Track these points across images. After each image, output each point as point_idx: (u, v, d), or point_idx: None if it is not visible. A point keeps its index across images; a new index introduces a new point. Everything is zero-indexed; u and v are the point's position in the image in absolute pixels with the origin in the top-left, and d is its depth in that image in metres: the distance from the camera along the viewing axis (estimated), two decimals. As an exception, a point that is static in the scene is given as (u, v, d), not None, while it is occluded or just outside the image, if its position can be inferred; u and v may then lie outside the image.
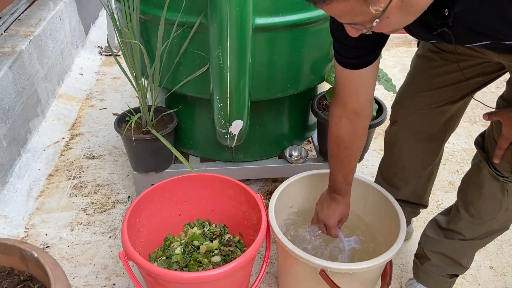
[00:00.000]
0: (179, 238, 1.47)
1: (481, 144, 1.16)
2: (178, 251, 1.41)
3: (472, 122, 2.32)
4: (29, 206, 1.74)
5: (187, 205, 1.46)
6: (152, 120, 1.57)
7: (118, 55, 2.73)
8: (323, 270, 1.11)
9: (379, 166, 1.51)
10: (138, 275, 1.28)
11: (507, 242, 1.66)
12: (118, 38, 1.44)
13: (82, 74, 2.62)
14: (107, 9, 1.45)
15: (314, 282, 1.17)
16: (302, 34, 1.41)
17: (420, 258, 1.37)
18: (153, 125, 1.57)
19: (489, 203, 1.16)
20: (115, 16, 1.49)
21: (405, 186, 1.44)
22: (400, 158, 1.41)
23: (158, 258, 1.41)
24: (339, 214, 1.26)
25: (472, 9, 0.76)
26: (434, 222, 1.34)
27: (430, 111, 1.26)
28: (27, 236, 1.61)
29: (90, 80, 2.62)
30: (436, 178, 1.49)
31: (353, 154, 1.19)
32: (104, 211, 1.73)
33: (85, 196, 1.80)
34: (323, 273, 1.11)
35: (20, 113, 1.90)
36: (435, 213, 1.37)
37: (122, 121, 1.63)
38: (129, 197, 1.80)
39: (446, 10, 0.79)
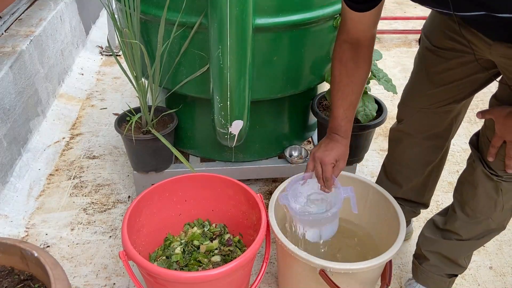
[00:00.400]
0: (179, 237, 1.48)
1: (475, 143, 1.16)
2: (178, 251, 1.41)
3: (472, 123, 2.32)
4: (29, 205, 1.74)
5: (187, 205, 1.46)
6: (152, 120, 1.57)
7: (119, 55, 2.73)
8: (323, 270, 1.11)
9: (383, 164, 1.52)
10: (138, 275, 1.28)
11: (507, 242, 1.66)
12: (119, 38, 1.45)
13: (82, 74, 2.62)
14: (108, 9, 1.46)
15: (314, 282, 1.17)
16: (302, 34, 1.41)
17: (418, 258, 1.37)
18: (153, 125, 1.57)
19: (484, 203, 1.16)
20: (116, 16, 1.49)
21: (408, 183, 1.45)
22: (404, 155, 1.41)
23: (158, 258, 1.41)
24: (337, 153, 1.18)
25: None
26: (432, 222, 1.34)
27: (435, 110, 1.26)
28: (28, 235, 1.61)
29: (91, 80, 2.62)
30: (436, 179, 1.49)
31: (355, 83, 1.15)
32: (104, 211, 1.73)
33: (85, 195, 1.80)
34: (323, 273, 1.11)
35: (20, 113, 1.91)
36: (435, 213, 1.37)
37: (122, 121, 1.63)
38: (129, 196, 1.80)
39: None
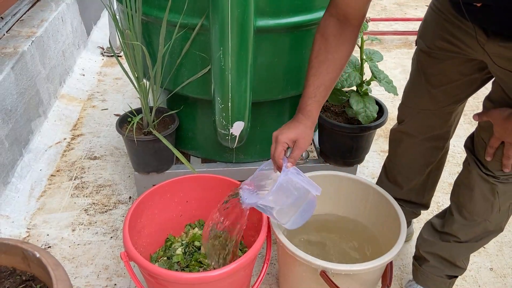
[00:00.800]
0: (180, 238, 1.48)
1: (470, 146, 1.16)
2: (179, 252, 1.42)
3: (473, 124, 2.32)
4: (30, 206, 1.74)
5: (188, 205, 1.46)
6: (153, 121, 1.57)
7: (120, 56, 2.74)
8: (324, 271, 1.12)
9: (384, 165, 1.52)
10: (139, 276, 1.28)
11: (507, 244, 1.66)
12: (120, 39, 1.45)
13: (83, 75, 2.63)
14: (109, 10, 1.46)
15: (315, 283, 1.17)
16: (303, 35, 1.42)
17: (418, 259, 1.38)
18: (154, 126, 1.58)
19: (480, 205, 1.16)
20: (117, 17, 1.50)
21: (408, 184, 1.45)
22: (404, 156, 1.41)
23: (159, 259, 1.41)
24: (296, 132, 1.11)
25: None
26: (430, 224, 1.34)
27: (435, 112, 1.27)
28: (29, 236, 1.62)
29: (92, 80, 2.62)
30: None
31: (332, 62, 1.08)
32: (105, 212, 1.74)
33: (86, 196, 1.81)
34: (324, 274, 1.11)
35: (22, 113, 1.91)
36: (436, 214, 1.38)
37: (123, 122, 1.63)
38: (130, 197, 1.81)
39: None
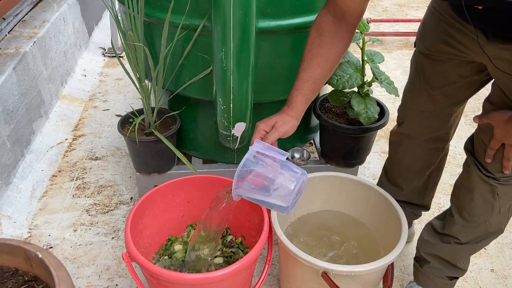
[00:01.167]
0: (182, 239, 1.48)
1: (470, 148, 1.16)
2: (178, 248, 1.42)
3: (474, 125, 2.31)
4: (32, 206, 1.74)
5: (190, 206, 1.46)
6: (155, 121, 1.57)
7: (121, 57, 2.74)
8: (325, 272, 1.12)
9: (384, 166, 1.52)
10: (140, 276, 1.28)
11: (509, 245, 1.66)
12: (122, 40, 1.45)
13: (85, 76, 2.63)
14: (111, 11, 1.46)
15: (316, 284, 1.17)
16: (304, 37, 1.40)
17: (419, 261, 1.38)
18: (156, 126, 1.58)
19: (481, 207, 1.16)
20: (119, 18, 1.50)
21: (408, 186, 1.45)
22: (404, 158, 1.42)
23: (160, 258, 1.41)
24: (275, 118, 1.12)
25: None
26: (430, 226, 1.35)
27: (435, 114, 1.27)
28: (30, 236, 1.62)
29: (93, 81, 2.63)
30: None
31: (324, 57, 1.10)
32: (107, 212, 1.74)
33: (88, 197, 1.81)
34: (325, 275, 1.12)
35: (23, 114, 1.91)
36: (436, 215, 1.38)
37: (125, 122, 1.63)
38: (131, 198, 1.81)
39: None
